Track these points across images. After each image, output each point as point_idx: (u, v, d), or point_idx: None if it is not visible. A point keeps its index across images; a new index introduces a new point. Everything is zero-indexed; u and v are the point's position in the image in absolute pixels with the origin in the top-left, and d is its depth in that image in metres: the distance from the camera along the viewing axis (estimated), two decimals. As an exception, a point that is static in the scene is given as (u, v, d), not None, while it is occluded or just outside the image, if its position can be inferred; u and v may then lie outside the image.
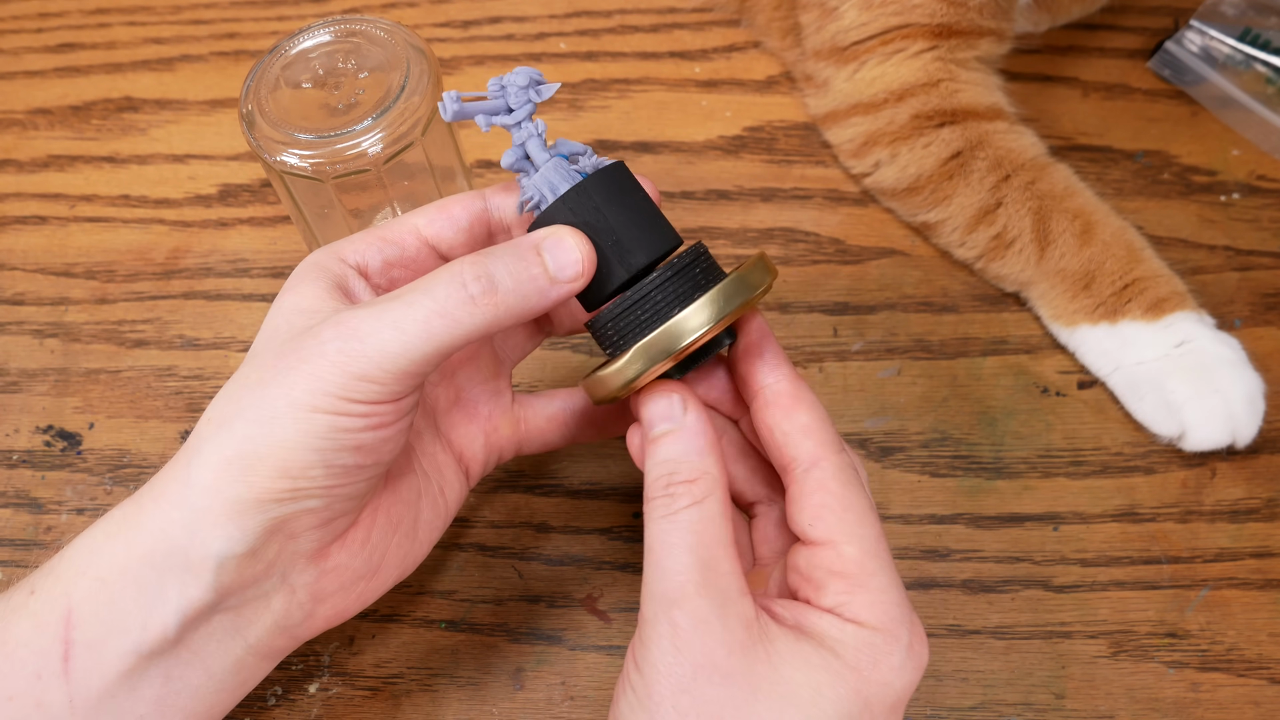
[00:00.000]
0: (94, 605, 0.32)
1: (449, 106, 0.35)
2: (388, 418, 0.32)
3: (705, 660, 0.30)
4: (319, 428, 0.31)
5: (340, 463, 0.32)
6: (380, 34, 0.44)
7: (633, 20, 0.62)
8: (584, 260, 0.33)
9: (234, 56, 0.62)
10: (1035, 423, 0.47)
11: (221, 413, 0.32)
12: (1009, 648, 0.42)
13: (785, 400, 0.34)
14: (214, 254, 0.55)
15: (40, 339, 0.53)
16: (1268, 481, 0.45)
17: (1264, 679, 0.41)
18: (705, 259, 0.34)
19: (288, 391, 0.31)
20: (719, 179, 0.55)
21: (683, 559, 0.31)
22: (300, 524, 0.32)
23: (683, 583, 0.31)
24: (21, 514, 0.47)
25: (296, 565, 0.34)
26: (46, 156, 0.59)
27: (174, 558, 0.32)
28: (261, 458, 0.31)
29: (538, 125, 0.35)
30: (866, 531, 0.32)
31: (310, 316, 0.33)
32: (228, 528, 0.31)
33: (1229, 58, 0.55)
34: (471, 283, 0.32)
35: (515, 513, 0.46)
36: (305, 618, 0.35)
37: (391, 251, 0.36)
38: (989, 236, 0.49)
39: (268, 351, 0.33)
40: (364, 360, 0.31)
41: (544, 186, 0.35)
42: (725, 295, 0.33)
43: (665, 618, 0.31)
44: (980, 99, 0.51)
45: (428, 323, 0.31)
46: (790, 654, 0.31)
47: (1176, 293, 0.46)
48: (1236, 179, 0.54)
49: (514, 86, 0.35)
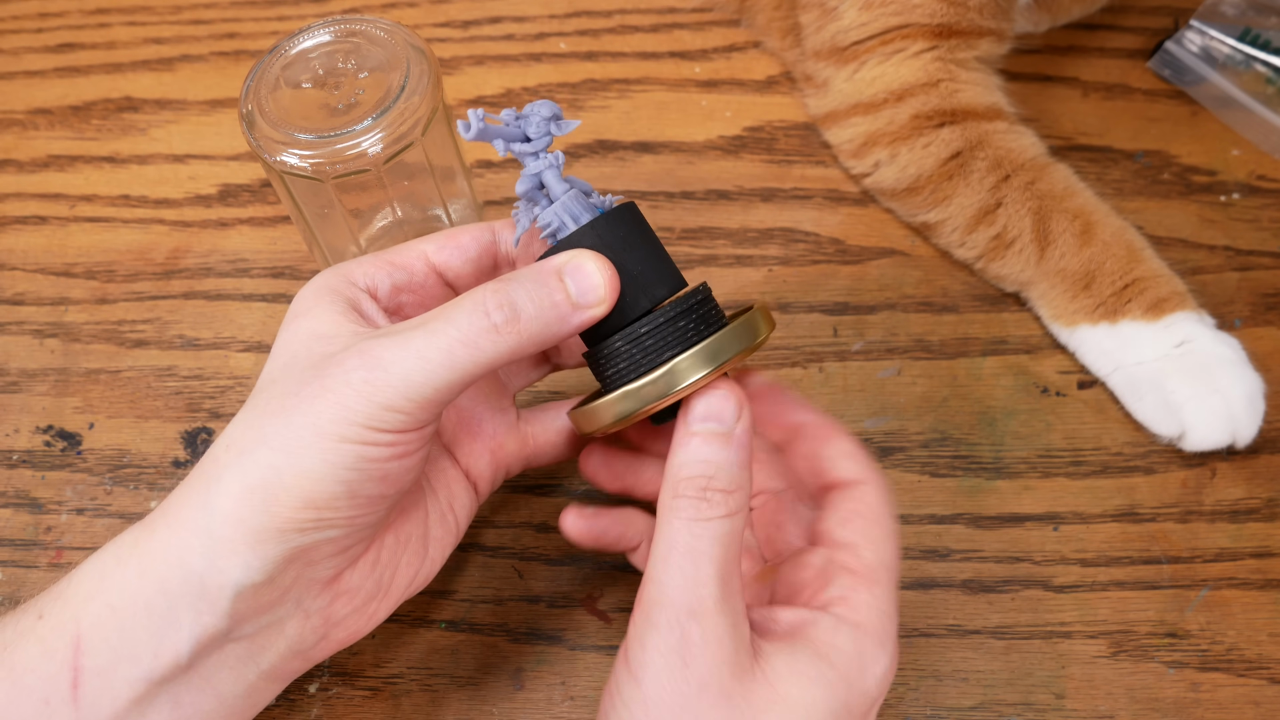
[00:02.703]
0: (104, 632, 0.32)
1: (472, 126, 0.34)
2: (412, 445, 0.32)
3: (712, 679, 0.30)
4: (346, 458, 0.31)
5: (365, 493, 0.32)
6: (380, 34, 0.44)
7: (633, 20, 0.62)
8: (606, 285, 0.33)
9: (234, 56, 0.62)
10: (1035, 423, 0.47)
11: (242, 440, 0.32)
12: (1009, 648, 0.42)
13: (825, 431, 0.37)
14: (214, 254, 0.55)
15: (40, 339, 0.53)
16: (1268, 481, 0.45)
17: (1264, 679, 0.41)
18: (708, 302, 0.34)
19: (314, 421, 0.31)
20: (719, 179, 0.55)
21: (707, 570, 0.31)
22: (319, 552, 0.32)
23: (704, 595, 0.31)
24: (21, 514, 0.47)
25: (311, 591, 0.33)
26: (46, 156, 0.59)
27: (189, 585, 0.31)
28: (286, 488, 0.31)
29: (557, 157, 0.35)
30: (887, 546, 0.34)
31: (329, 342, 0.33)
32: (246, 556, 0.31)
33: (1229, 58, 0.55)
34: (494, 311, 0.32)
35: (515, 513, 0.46)
36: (319, 640, 0.35)
37: (400, 276, 0.36)
38: (989, 237, 0.49)
39: (288, 378, 0.32)
40: (389, 390, 0.31)
41: (564, 215, 0.34)
42: (724, 344, 0.33)
43: (678, 628, 0.30)
44: (980, 99, 0.51)
45: (451, 351, 0.31)
46: (787, 671, 0.31)
47: (1176, 293, 0.46)
48: (1236, 179, 0.54)
49: (536, 117, 0.35)
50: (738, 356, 0.33)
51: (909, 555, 0.44)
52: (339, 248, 0.48)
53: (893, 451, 0.47)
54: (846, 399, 0.48)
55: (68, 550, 0.46)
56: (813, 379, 0.49)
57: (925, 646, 0.42)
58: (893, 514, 0.35)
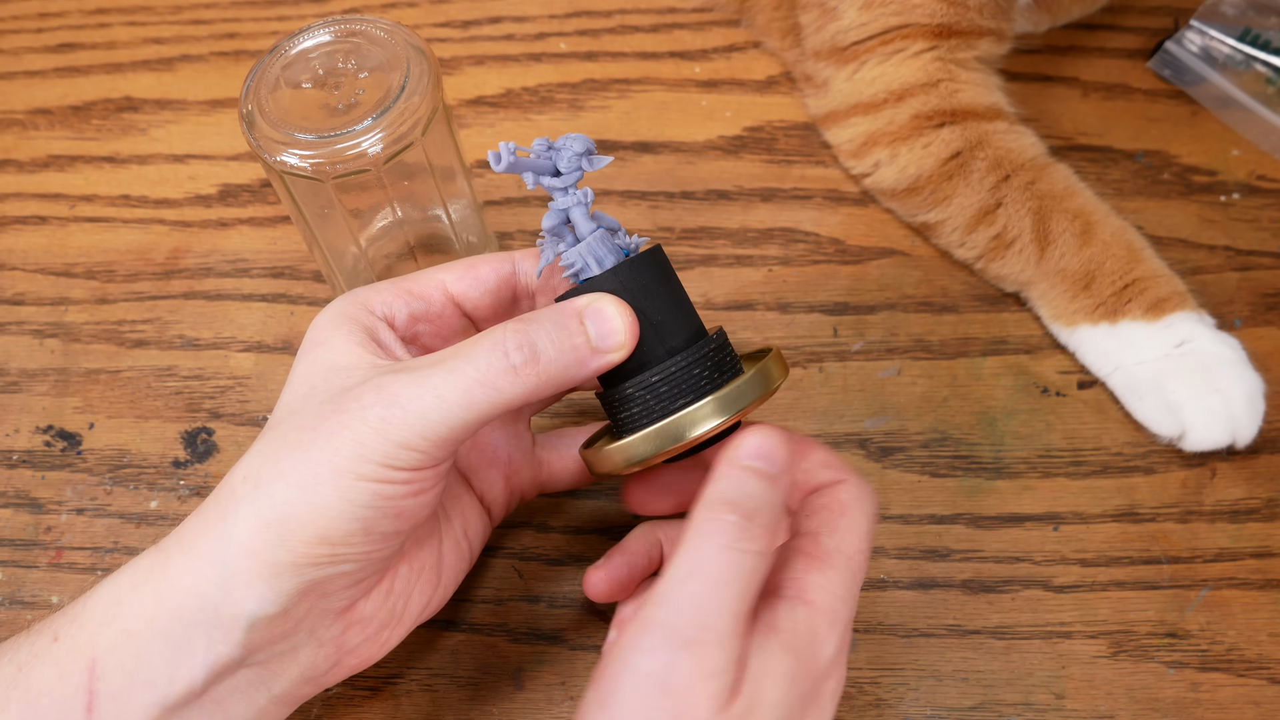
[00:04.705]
0: (119, 657, 0.32)
1: (503, 158, 0.34)
2: (427, 482, 0.32)
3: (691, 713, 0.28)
4: (362, 495, 0.31)
5: (380, 529, 0.32)
6: (380, 34, 0.44)
7: (633, 20, 0.62)
8: (625, 331, 0.33)
9: (234, 56, 0.62)
10: (1035, 423, 0.47)
11: (259, 473, 0.32)
12: (1009, 648, 0.42)
13: (801, 448, 0.36)
14: (214, 254, 0.55)
15: (40, 339, 0.53)
16: (1268, 481, 0.45)
17: (1264, 679, 0.41)
18: (725, 350, 0.34)
19: (330, 457, 0.31)
20: (719, 179, 0.55)
21: (728, 600, 0.29)
22: (334, 585, 0.32)
23: (714, 625, 0.29)
24: (21, 514, 0.47)
25: (325, 620, 0.34)
26: (46, 156, 0.59)
27: (204, 614, 0.32)
28: (302, 523, 0.31)
29: (586, 194, 0.35)
30: (849, 536, 0.33)
31: (347, 374, 0.33)
32: (261, 588, 0.31)
33: (1229, 58, 0.55)
34: (514, 352, 0.32)
35: (515, 513, 0.46)
36: (331, 667, 0.35)
37: (418, 306, 0.36)
38: (989, 237, 0.49)
39: (305, 410, 0.33)
40: (406, 429, 0.31)
41: (589, 256, 0.34)
42: (741, 393, 0.33)
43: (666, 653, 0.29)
44: (980, 99, 0.51)
45: (469, 391, 0.31)
46: (761, 672, 0.30)
47: (1177, 292, 0.46)
48: (1236, 179, 0.54)
49: (569, 151, 0.35)
50: (752, 405, 0.33)
51: (909, 555, 0.44)
52: (339, 248, 0.48)
53: (893, 451, 0.47)
54: (846, 399, 0.48)
55: (68, 550, 0.46)
56: (813, 379, 0.49)
57: (925, 646, 0.42)
58: (869, 510, 0.34)
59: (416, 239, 0.51)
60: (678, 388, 0.33)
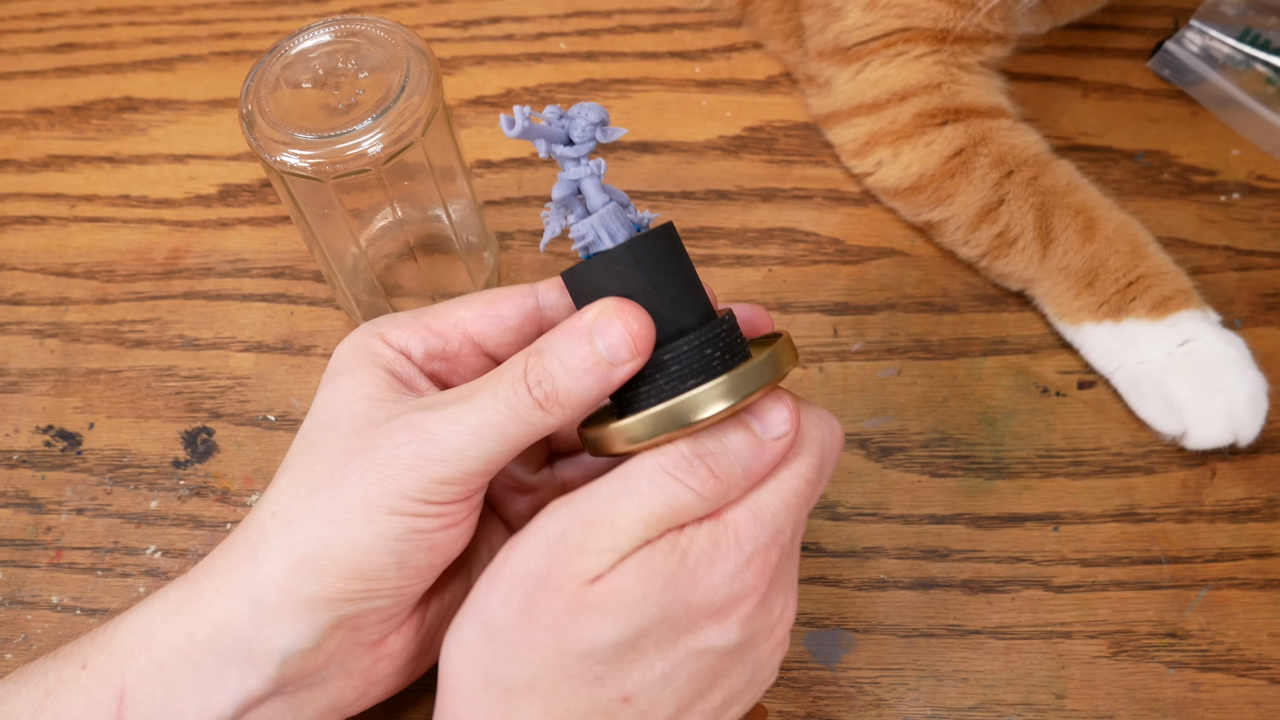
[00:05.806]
0: (150, 688, 0.32)
1: (516, 123, 0.33)
2: (460, 515, 0.33)
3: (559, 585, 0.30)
4: (395, 530, 0.31)
5: (414, 563, 0.32)
6: (380, 34, 0.44)
7: (633, 20, 0.62)
8: (636, 336, 0.32)
9: (234, 56, 0.62)
10: (1035, 423, 0.47)
11: (289, 509, 0.32)
12: (1009, 648, 0.42)
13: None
14: (214, 254, 0.55)
15: (40, 339, 0.53)
16: (1268, 481, 0.45)
17: (1264, 679, 0.41)
18: (735, 331, 0.34)
19: (364, 494, 0.31)
20: (719, 179, 0.55)
21: (642, 512, 0.30)
22: (367, 619, 0.33)
23: (615, 521, 0.30)
24: (21, 514, 0.47)
25: (356, 654, 0.34)
26: (46, 156, 0.59)
27: (237, 648, 0.32)
28: (336, 559, 0.31)
29: (599, 165, 0.34)
30: (794, 466, 0.33)
31: (373, 406, 0.33)
32: (296, 624, 0.32)
33: (1229, 58, 0.55)
34: (535, 387, 0.31)
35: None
36: (358, 697, 0.35)
37: (435, 344, 0.35)
38: (992, 235, 0.49)
39: (330, 443, 0.33)
40: (440, 465, 0.31)
41: (602, 229, 0.34)
42: (754, 374, 0.32)
43: (566, 522, 0.30)
44: (983, 99, 0.51)
45: (502, 426, 0.31)
46: (634, 564, 0.31)
47: (1181, 290, 0.46)
48: (1236, 179, 0.54)
49: (583, 120, 0.34)
50: (765, 388, 0.33)
51: (909, 555, 0.44)
52: (339, 248, 0.48)
53: (893, 451, 0.47)
54: (846, 399, 0.48)
55: (68, 550, 0.46)
56: (813, 379, 0.49)
57: (925, 646, 0.42)
58: (824, 440, 0.34)
59: (416, 239, 0.51)
60: (688, 367, 0.32)
